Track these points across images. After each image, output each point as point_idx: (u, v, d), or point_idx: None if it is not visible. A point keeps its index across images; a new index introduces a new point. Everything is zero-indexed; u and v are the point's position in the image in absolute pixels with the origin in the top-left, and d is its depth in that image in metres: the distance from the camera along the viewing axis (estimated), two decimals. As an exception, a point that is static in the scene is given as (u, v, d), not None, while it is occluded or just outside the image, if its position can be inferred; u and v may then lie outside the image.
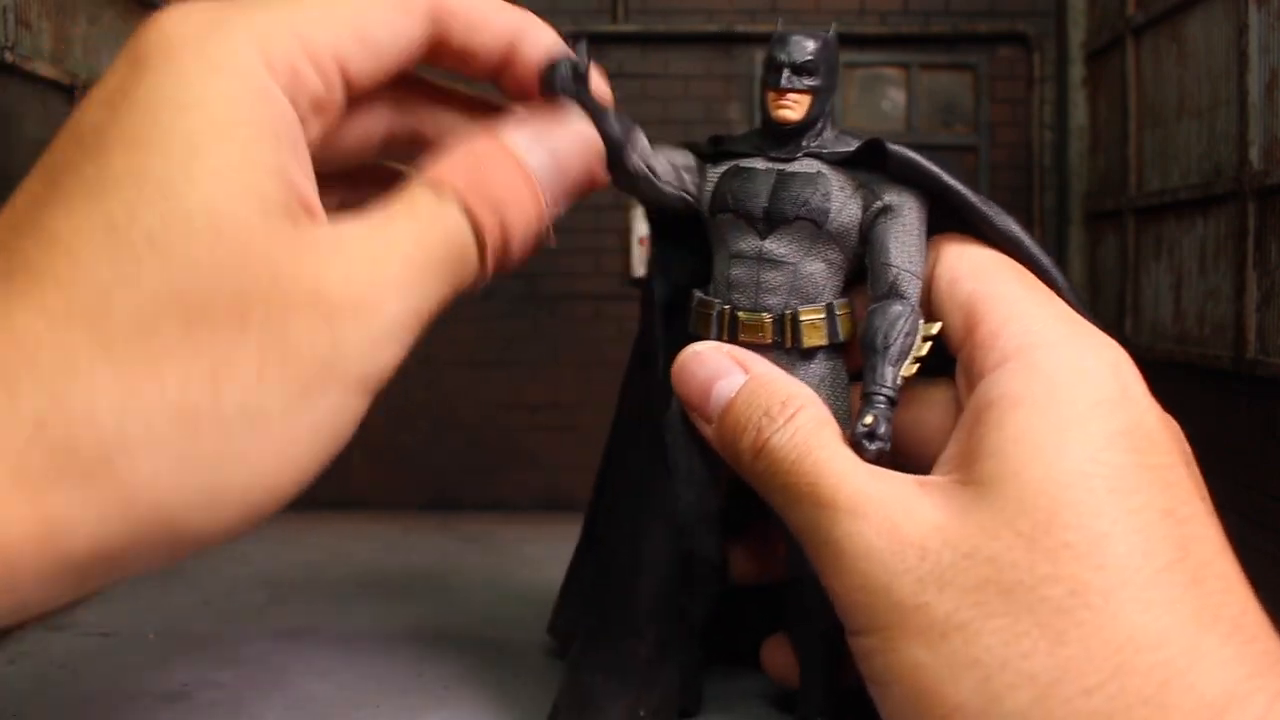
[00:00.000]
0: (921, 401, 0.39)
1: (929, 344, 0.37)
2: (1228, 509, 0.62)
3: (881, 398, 0.35)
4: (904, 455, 0.39)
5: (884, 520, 0.31)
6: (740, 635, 0.47)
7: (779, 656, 0.45)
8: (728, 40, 0.86)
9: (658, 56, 0.87)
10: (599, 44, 0.89)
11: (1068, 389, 0.32)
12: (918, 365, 0.37)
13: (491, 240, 0.32)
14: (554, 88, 0.36)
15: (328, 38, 0.29)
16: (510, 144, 0.34)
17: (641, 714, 0.40)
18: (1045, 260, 0.39)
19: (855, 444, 0.34)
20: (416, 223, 0.30)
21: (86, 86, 0.67)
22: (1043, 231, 0.87)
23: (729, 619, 0.47)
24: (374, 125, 0.37)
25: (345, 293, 0.28)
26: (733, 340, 0.40)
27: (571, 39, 0.37)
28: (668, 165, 0.41)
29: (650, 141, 0.42)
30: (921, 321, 0.37)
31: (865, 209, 0.39)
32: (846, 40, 0.88)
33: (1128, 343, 0.80)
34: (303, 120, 0.29)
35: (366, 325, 0.28)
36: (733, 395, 0.37)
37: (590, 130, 0.36)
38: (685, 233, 0.43)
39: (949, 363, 0.38)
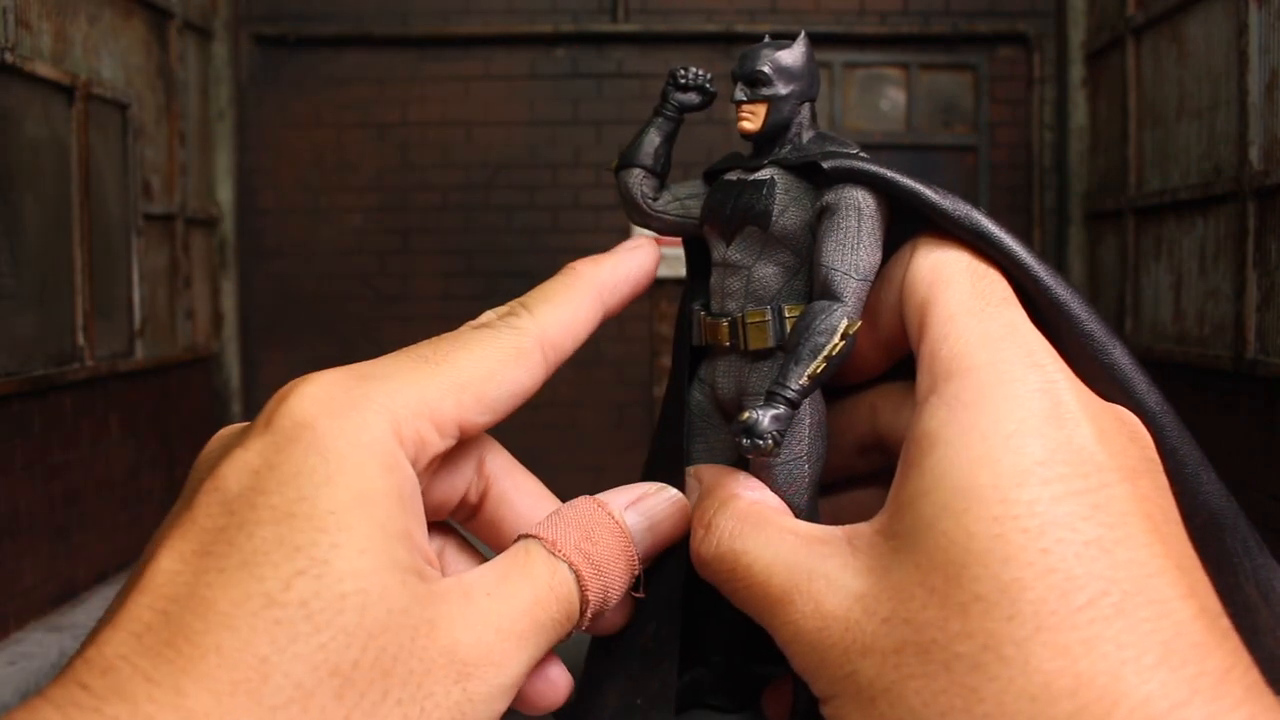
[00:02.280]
0: (909, 405, 0.38)
1: (843, 342, 0.36)
2: (1228, 509, 0.62)
3: (778, 397, 0.35)
4: (897, 456, 0.39)
5: (808, 601, 0.32)
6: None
7: (780, 703, 0.45)
8: (728, 40, 0.86)
9: (658, 56, 0.87)
10: (599, 44, 0.89)
11: (985, 421, 0.31)
12: (826, 363, 0.35)
13: (594, 599, 0.35)
14: (674, 80, 0.42)
15: (451, 405, 0.33)
16: (613, 509, 0.37)
17: (638, 702, 0.40)
18: (1018, 250, 0.37)
19: (736, 441, 0.34)
20: (533, 585, 0.33)
21: (87, 86, 0.68)
22: (1042, 231, 0.87)
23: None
24: (458, 484, 0.41)
25: (475, 653, 0.31)
26: (707, 343, 0.42)
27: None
28: (669, 197, 0.43)
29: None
30: (844, 321, 0.36)
31: (812, 209, 0.40)
32: (846, 40, 0.88)
33: (1127, 342, 0.80)
34: (420, 478, 0.32)
35: (491, 682, 0.31)
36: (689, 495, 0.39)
37: (681, 498, 0.40)
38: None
39: None
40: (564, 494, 0.86)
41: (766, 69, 0.41)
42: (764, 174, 0.41)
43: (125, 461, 0.72)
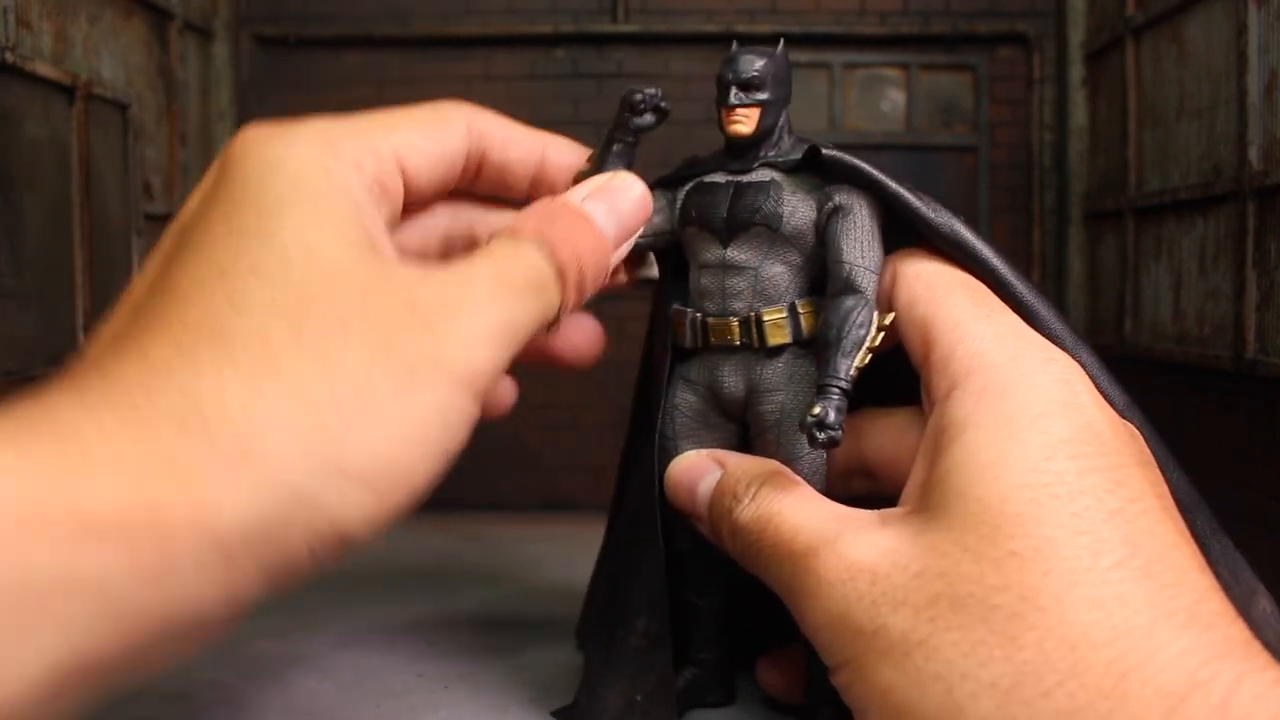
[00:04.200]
0: (896, 427, 0.40)
1: (882, 334, 0.38)
2: (1228, 509, 0.62)
3: (834, 389, 0.37)
4: (887, 482, 0.40)
5: (834, 554, 0.33)
6: (766, 635, 0.49)
7: (773, 673, 0.46)
8: (728, 40, 0.86)
9: (658, 56, 0.87)
10: (599, 44, 0.89)
11: (1011, 407, 0.33)
12: (869, 354, 0.37)
13: (569, 270, 0.35)
14: (631, 106, 0.43)
15: (384, 141, 0.34)
16: (573, 200, 0.38)
17: (637, 699, 0.41)
18: (994, 260, 0.39)
19: (807, 434, 0.35)
20: (494, 260, 0.34)
21: (87, 86, 0.68)
22: (1042, 231, 0.87)
23: (755, 619, 0.48)
24: (431, 227, 0.42)
25: (439, 302, 0.30)
26: (704, 344, 0.42)
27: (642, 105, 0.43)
28: None
29: (649, 145, 0.44)
30: (875, 313, 0.38)
31: (819, 210, 0.41)
32: (846, 40, 0.88)
33: (1126, 342, 0.80)
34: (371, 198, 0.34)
35: (464, 326, 0.31)
36: (711, 490, 0.40)
37: (644, 190, 0.40)
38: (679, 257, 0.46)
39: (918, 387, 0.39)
40: (565, 496, 0.86)
41: (760, 73, 0.42)
42: (763, 176, 0.42)
43: (125, 461, 0.72)
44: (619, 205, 0.39)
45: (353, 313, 0.29)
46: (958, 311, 0.36)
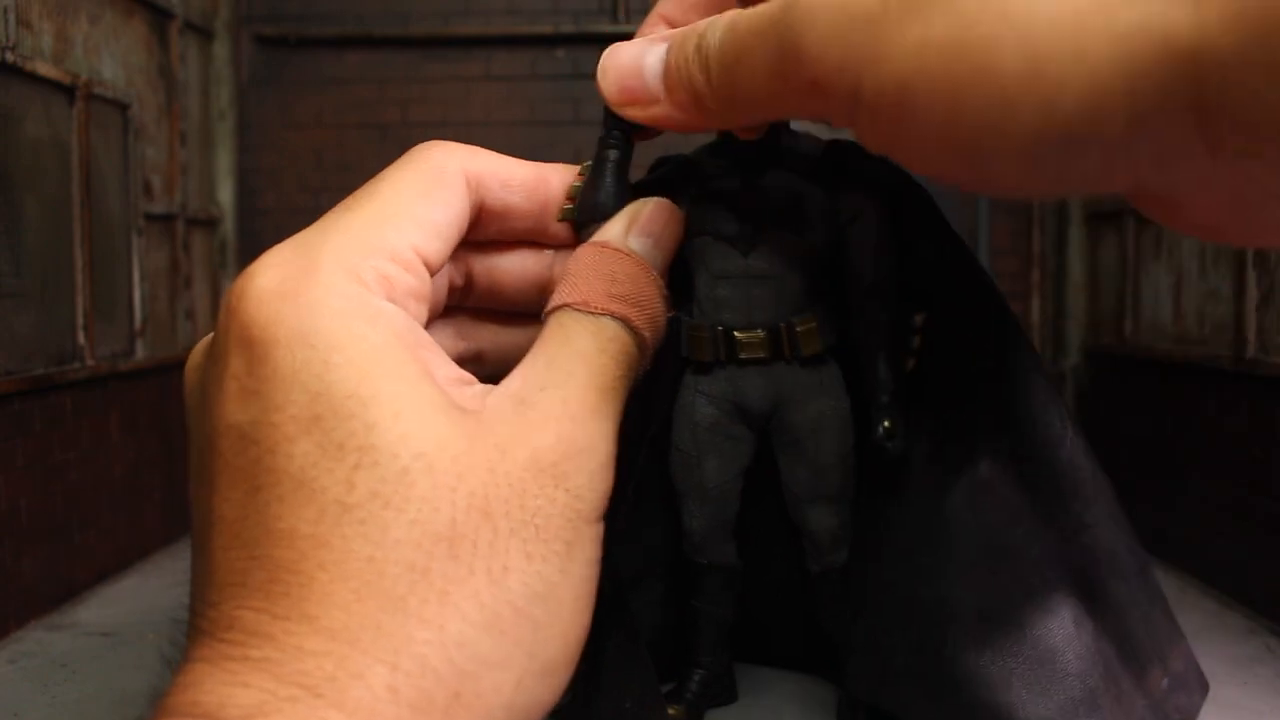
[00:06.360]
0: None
1: (920, 337, 0.38)
2: (1228, 509, 0.62)
3: (888, 397, 0.37)
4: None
5: None
6: (767, 633, 0.49)
7: None
8: (728, 40, 0.86)
9: (658, 57, 0.87)
10: (599, 44, 0.89)
11: None
12: (914, 359, 0.37)
13: (648, 335, 0.33)
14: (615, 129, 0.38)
15: (400, 238, 0.31)
16: (617, 245, 0.35)
17: (627, 705, 0.41)
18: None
19: (879, 448, 0.36)
20: (584, 357, 0.31)
21: (87, 86, 0.68)
22: (1042, 231, 0.87)
23: (756, 618, 0.49)
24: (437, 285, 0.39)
25: (558, 451, 0.29)
26: (730, 359, 0.41)
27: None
28: None
29: (650, 145, 0.43)
30: (910, 316, 0.38)
31: (838, 214, 0.39)
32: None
33: (1126, 342, 0.80)
34: (408, 310, 0.30)
35: (588, 467, 0.29)
36: (663, 55, 0.34)
37: (666, 202, 0.37)
38: None
39: None
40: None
41: None
42: (778, 180, 0.40)
43: (125, 461, 0.72)
44: (659, 235, 0.37)
45: (489, 500, 0.27)
46: None
